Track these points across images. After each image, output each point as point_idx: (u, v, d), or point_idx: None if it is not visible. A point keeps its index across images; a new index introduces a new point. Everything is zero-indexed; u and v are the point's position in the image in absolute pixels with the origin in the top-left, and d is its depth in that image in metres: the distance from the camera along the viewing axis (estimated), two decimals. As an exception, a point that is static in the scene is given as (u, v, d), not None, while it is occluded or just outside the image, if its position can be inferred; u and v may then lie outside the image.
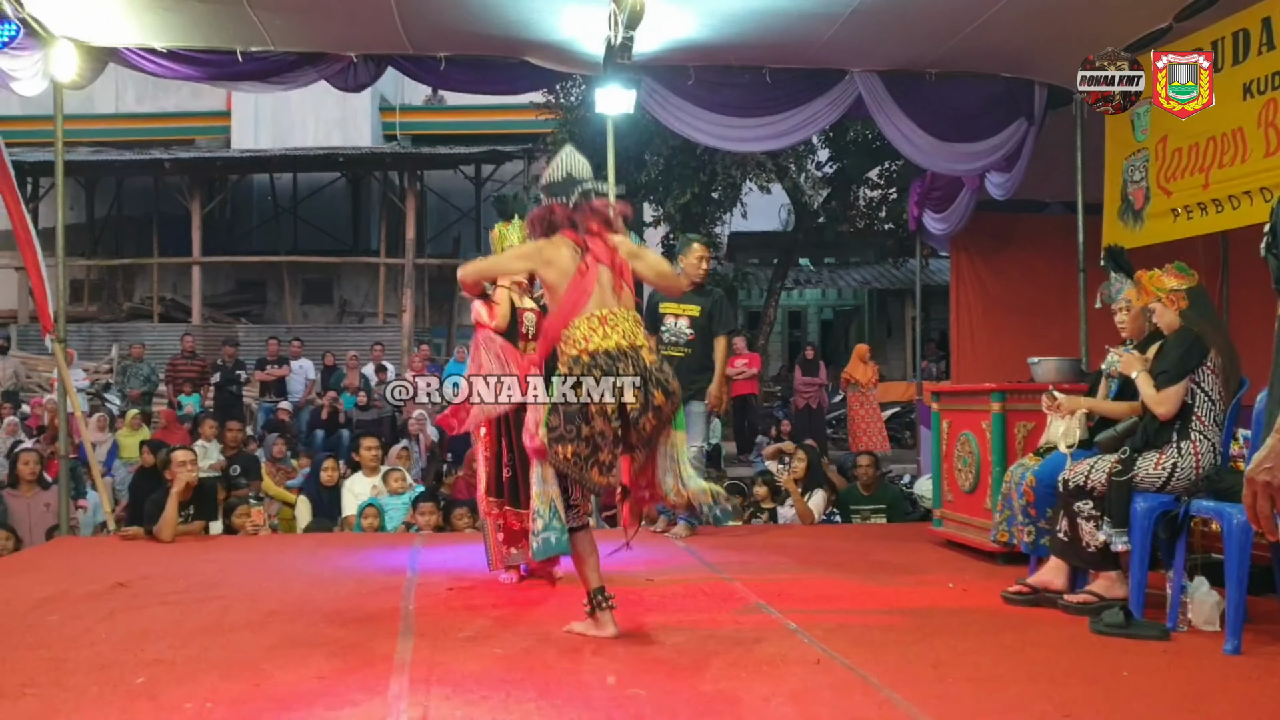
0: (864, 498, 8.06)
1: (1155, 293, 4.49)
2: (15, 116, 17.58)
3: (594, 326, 3.94)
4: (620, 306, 3.99)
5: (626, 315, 3.98)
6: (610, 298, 3.98)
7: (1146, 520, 4.34)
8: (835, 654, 3.83)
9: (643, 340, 3.97)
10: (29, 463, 8.59)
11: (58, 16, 6.82)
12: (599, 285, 3.98)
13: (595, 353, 3.90)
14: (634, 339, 3.94)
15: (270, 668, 3.69)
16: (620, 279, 4.01)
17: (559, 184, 4.14)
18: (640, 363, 3.89)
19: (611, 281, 4.00)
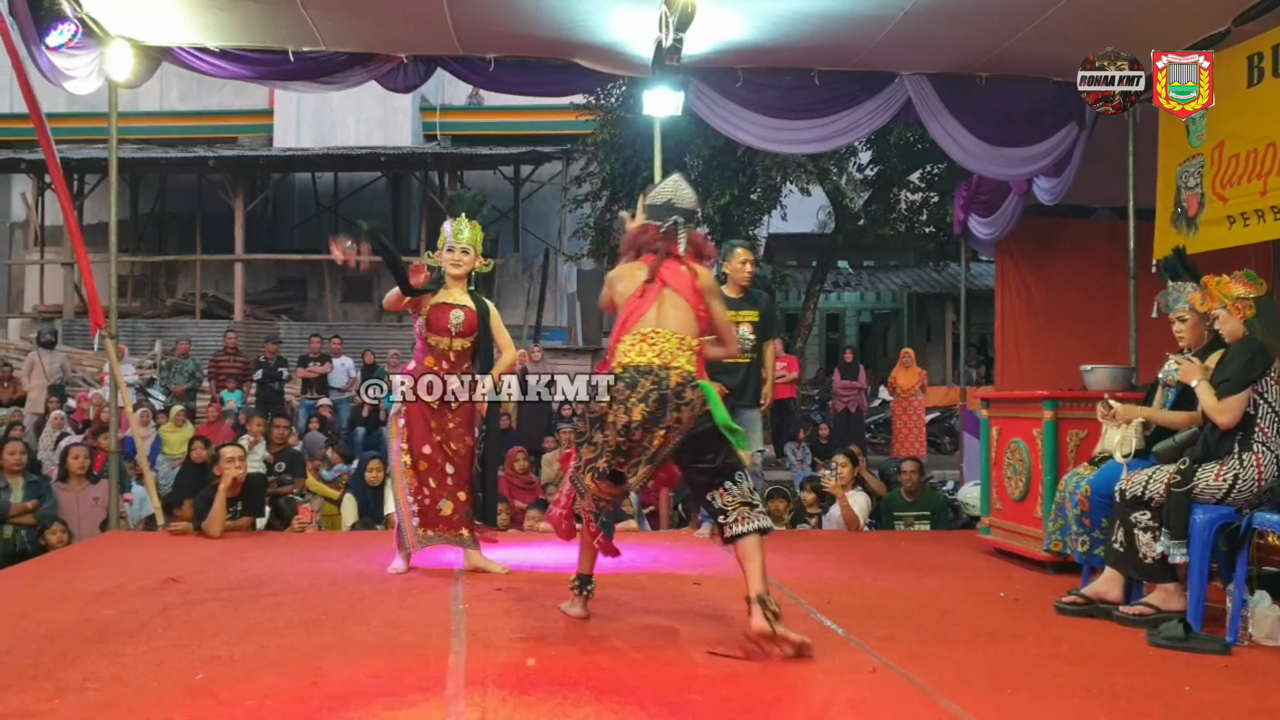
0: (908, 504, 7.99)
1: (1222, 299, 4.43)
2: (61, 114, 17.73)
3: (634, 343, 4.11)
4: (667, 327, 4.11)
5: (671, 336, 4.09)
6: (665, 318, 4.13)
7: (1206, 532, 4.29)
8: (891, 663, 3.80)
9: (681, 362, 4.03)
10: (78, 457, 8.68)
11: (114, 16, 6.89)
12: (657, 305, 4.16)
13: (627, 367, 4.05)
14: (669, 359, 4.03)
15: (326, 666, 3.71)
16: (690, 304, 4.16)
17: (658, 208, 4.34)
18: (664, 382, 3.96)
19: (674, 303, 4.15)
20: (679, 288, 4.17)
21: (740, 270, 6.73)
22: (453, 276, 5.53)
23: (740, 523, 3.99)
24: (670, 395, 3.94)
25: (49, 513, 8.00)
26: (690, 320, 4.15)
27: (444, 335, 5.46)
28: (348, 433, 12.80)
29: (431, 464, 5.45)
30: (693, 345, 4.12)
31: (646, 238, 4.30)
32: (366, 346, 16.05)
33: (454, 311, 5.47)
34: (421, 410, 5.45)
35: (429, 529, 5.47)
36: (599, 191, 16.10)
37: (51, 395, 13.31)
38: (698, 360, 4.13)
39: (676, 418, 3.95)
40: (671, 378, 3.97)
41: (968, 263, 12.45)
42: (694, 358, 4.10)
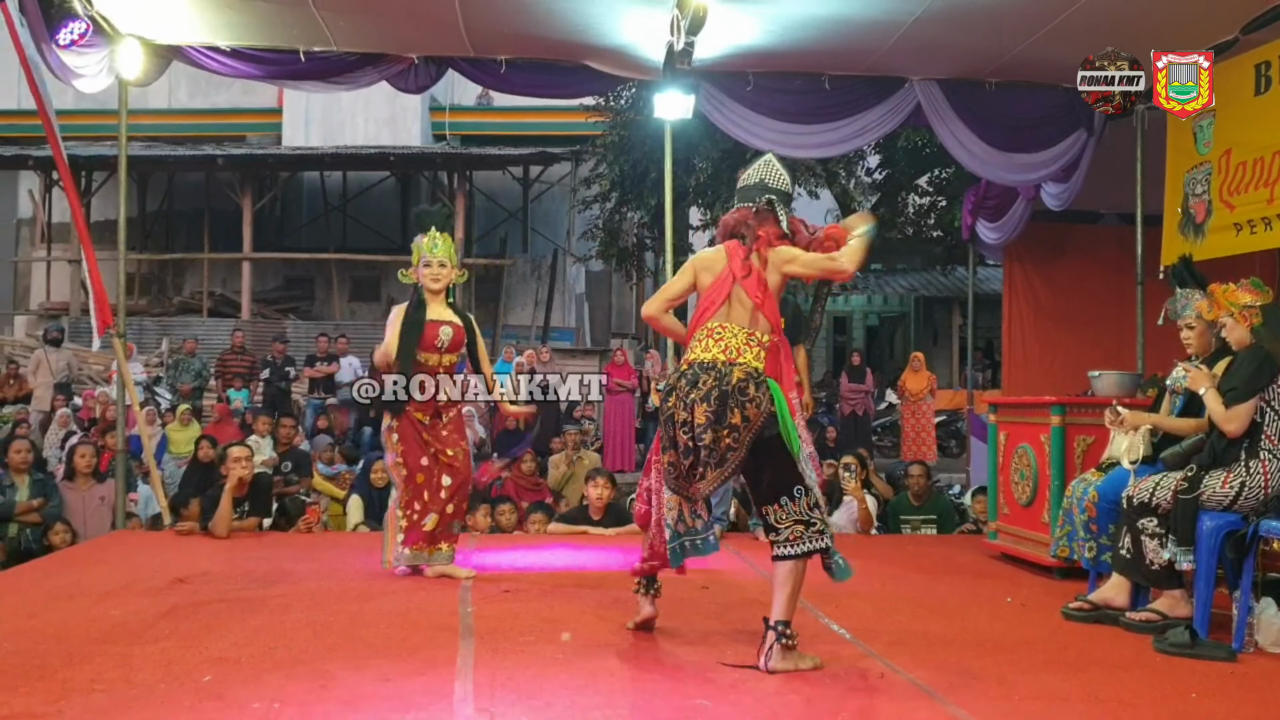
0: (915, 508, 7.99)
1: (1229, 307, 4.42)
2: (69, 110, 17.76)
3: (701, 338, 3.95)
4: (735, 322, 3.92)
5: (738, 331, 3.90)
6: (734, 312, 3.94)
7: (1213, 539, 4.29)
8: (899, 668, 3.81)
9: (748, 358, 3.85)
10: (85, 456, 8.71)
11: (125, 14, 6.92)
12: (729, 300, 3.96)
13: (693, 363, 3.92)
14: (735, 354, 3.86)
15: (334, 669, 3.72)
16: (754, 295, 3.93)
17: (749, 188, 4.10)
18: (727, 379, 3.80)
19: (741, 299, 3.94)
20: (745, 278, 3.95)
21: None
22: (433, 291, 5.55)
23: (789, 544, 3.81)
24: (732, 392, 3.78)
25: (55, 511, 8.03)
26: (758, 317, 3.91)
27: (433, 352, 5.48)
28: (355, 432, 12.81)
29: (428, 476, 5.47)
30: (763, 341, 3.90)
31: (730, 223, 4.11)
32: (374, 345, 16.00)
33: (442, 328, 5.49)
34: (412, 422, 5.46)
35: (407, 546, 5.48)
36: (608, 193, 16.10)
37: (58, 393, 13.35)
38: (769, 357, 3.89)
39: (742, 415, 3.77)
40: (734, 374, 3.81)
41: (975, 267, 12.45)
42: (763, 354, 3.87)
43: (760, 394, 3.80)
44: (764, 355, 3.88)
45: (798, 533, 3.81)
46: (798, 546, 3.81)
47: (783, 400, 3.84)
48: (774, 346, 3.93)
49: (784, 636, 3.73)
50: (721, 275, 4.00)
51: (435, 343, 5.46)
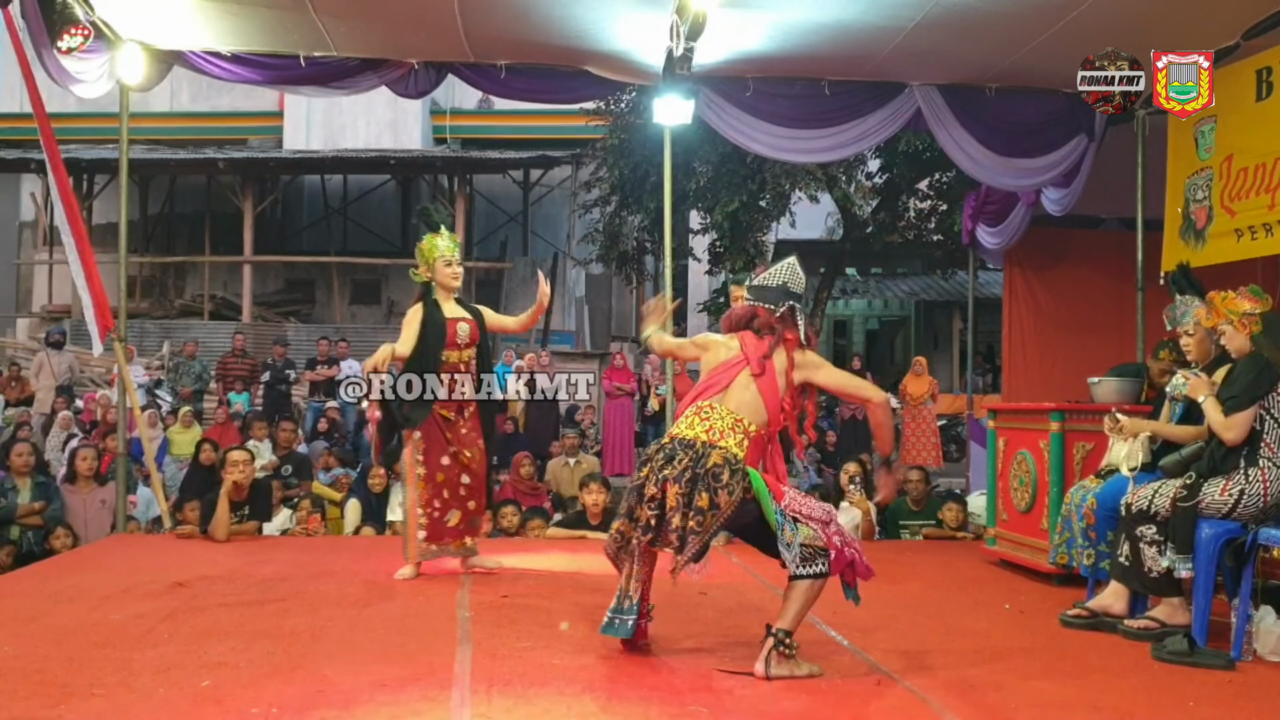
0: (913, 513, 7.98)
1: (1227, 315, 4.42)
2: (71, 114, 17.80)
3: (690, 415, 3.97)
4: (726, 406, 3.93)
5: (728, 415, 3.90)
6: (730, 397, 3.95)
7: (1212, 547, 4.29)
8: (896, 675, 3.81)
9: (729, 443, 3.83)
10: (86, 459, 8.72)
11: (126, 20, 6.92)
12: (732, 385, 3.97)
13: (674, 438, 3.92)
14: (717, 437, 3.85)
15: (332, 673, 3.73)
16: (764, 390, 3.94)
17: (771, 290, 4.13)
18: (703, 461, 3.78)
19: (747, 386, 3.95)
20: (758, 374, 3.96)
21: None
22: (451, 289, 5.67)
23: (804, 564, 3.81)
24: (705, 475, 3.75)
25: (56, 514, 8.04)
26: (758, 408, 3.92)
27: (454, 349, 5.58)
28: (354, 436, 12.81)
29: (448, 475, 5.53)
30: (749, 430, 3.88)
31: (759, 321, 4.09)
32: (375, 348, 15.99)
33: (459, 325, 5.60)
34: (437, 421, 5.54)
35: (434, 543, 5.55)
36: (608, 196, 16.10)
37: (59, 396, 13.35)
38: (752, 448, 3.87)
39: (710, 501, 3.74)
40: (712, 457, 3.78)
41: (976, 271, 12.44)
42: (746, 443, 3.85)
43: (734, 481, 3.77)
44: (747, 444, 3.86)
45: (809, 554, 3.80)
46: (811, 568, 3.80)
47: (762, 485, 3.82)
48: (760, 439, 3.92)
49: (783, 645, 3.74)
50: (732, 360, 4.02)
51: (457, 339, 5.57)
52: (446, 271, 5.64)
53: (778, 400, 3.95)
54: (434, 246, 5.65)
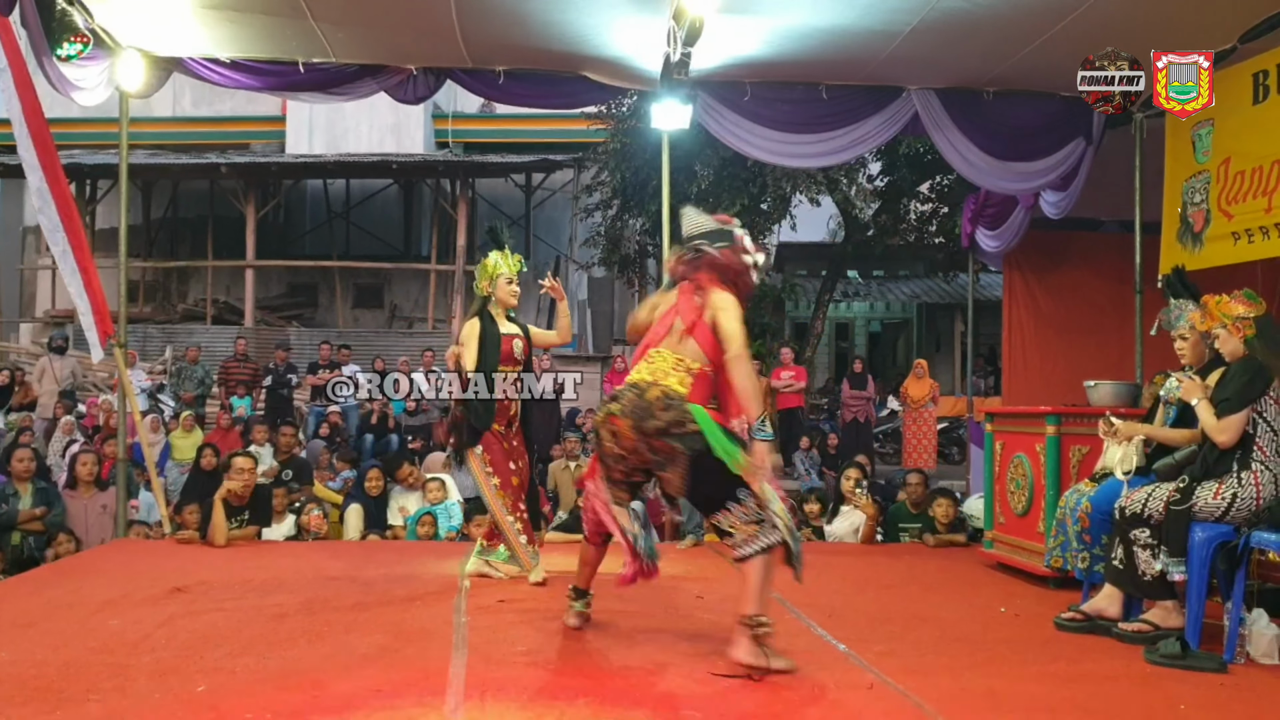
0: (913, 516, 7.99)
1: (1221, 318, 4.43)
2: (74, 119, 17.81)
3: (641, 364, 4.19)
4: (668, 349, 4.14)
5: (669, 356, 4.12)
6: (671, 340, 4.16)
7: (1205, 550, 4.30)
8: (889, 679, 3.82)
9: (671, 382, 4.04)
10: (86, 464, 8.75)
11: (125, 27, 6.95)
12: (670, 331, 4.18)
13: (627, 384, 4.15)
14: (660, 376, 4.06)
15: (327, 679, 3.74)
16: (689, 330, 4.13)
17: (678, 243, 4.38)
18: (644, 395, 4.01)
19: (680, 330, 4.15)
20: (684, 312, 4.17)
21: None
22: (510, 306, 5.82)
23: (746, 544, 3.91)
24: (647, 406, 3.97)
25: (57, 520, 8.06)
26: (694, 349, 4.10)
27: (509, 364, 5.70)
28: (356, 440, 12.83)
29: (514, 484, 5.68)
30: (692, 368, 4.07)
31: (677, 270, 4.33)
32: (377, 353, 16.10)
33: (515, 341, 5.75)
34: (495, 436, 5.66)
35: (532, 544, 5.69)
36: (610, 200, 16.15)
37: (62, 400, 13.38)
38: (696, 384, 4.06)
39: (654, 428, 3.94)
40: (651, 392, 4.00)
41: (976, 274, 12.45)
42: (688, 380, 4.05)
43: (671, 416, 3.94)
44: (689, 381, 4.05)
45: (752, 533, 3.92)
46: (754, 544, 3.92)
47: (707, 419, 3.95)
48: (704, 375, 4.09)
49: (754, 627, 3.85)
50: (668, 310, 4.25)
51: (513, 355, 5.71)
52: (507, 289, 5.81)
53: (710, 339, 4.10)
54: (497, 264, 5.81)
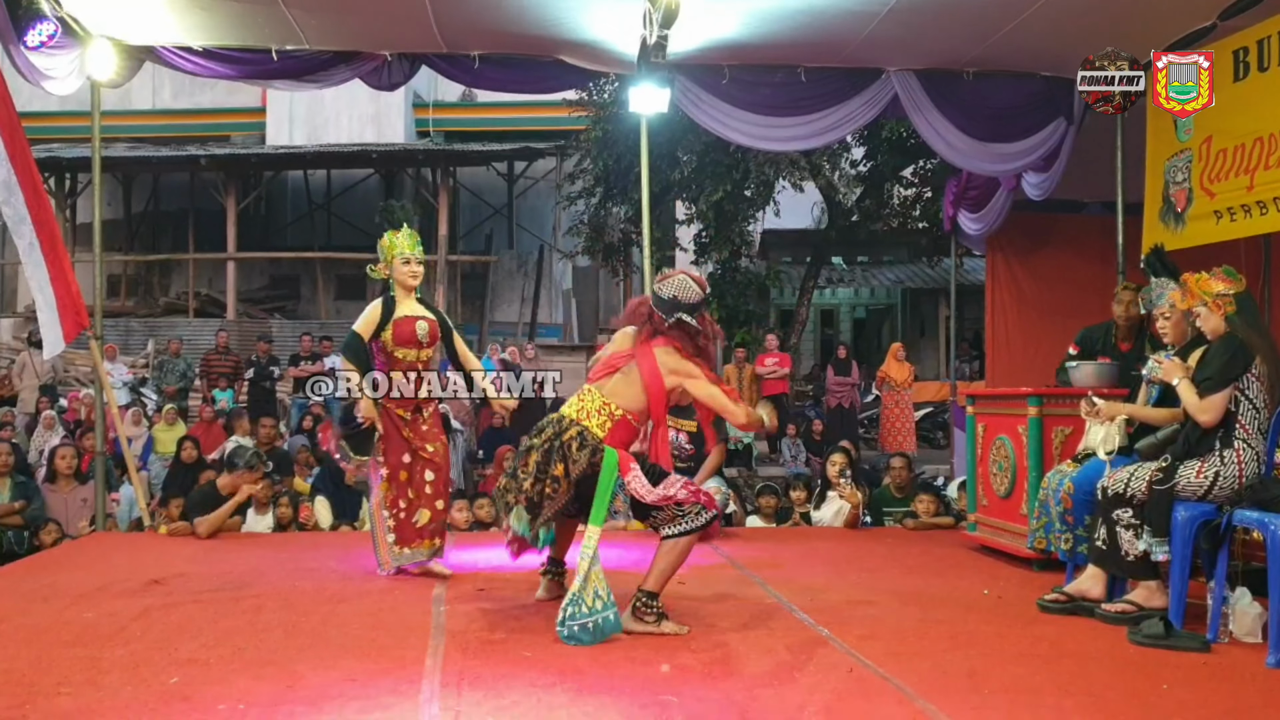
0: (897, 500, 7.98)
1: (1202, 296, 4.40)
2: (53, 112, 17.70)
3: (575, 396, 4.43)
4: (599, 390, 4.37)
5: (599, 399, 4.34)
6: (611, 384, 4.39)
7: (1187, 530, 4.28)
8: (869, 662, 3.79)
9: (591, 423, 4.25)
10: (66, 457, 8.69)
11: (95, 15, 6.86)
12: (617, 374, 4.42)
13: (557, 415, 4.38)
14: (579, 414, 4.29)
15: (302, 669, 3.70)
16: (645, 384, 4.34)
17: (664, 301, 4.46)
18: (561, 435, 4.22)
19: (630, 378, 4.37)
20: (643, 367, 4.36)
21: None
22: (410, 288, 5.59)
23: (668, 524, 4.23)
24: (558, 447, 4.19)
25: (37, 513, 7.99)
26: (632, 396, 4.33)
27: (411, 347, 5.50)
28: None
29: (411, 473, 5.47)
30: (615, 414, 4.29)
31: (651, 325, 4.44)
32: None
33: (419, 323, 5.52)
34: (393, 419, 5.47)
35: (404, 546, 5.47)
36: (593, 188, 16.07)
37: (43, 395, 13.28)
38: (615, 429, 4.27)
39: (565, 469, 4.17)
40: (570, 431, 4.22)
41: (959, 258, 12.43)
42: (609, 424, 4.26)
43: (581, 455, 4.18)
44: (610, 426, 4.27)
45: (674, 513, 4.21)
46: (677, 526, 4.21)
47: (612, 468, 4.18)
48: (626, 423, 4.32)
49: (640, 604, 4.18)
50: (622, 352, 4.47)
51: (415, 338, 5.48)
52: (405, 270, 5.54)
53: (660, 392, 4.34)
54: (393, 244, 5.56)
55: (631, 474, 4.19)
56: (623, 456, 4.23)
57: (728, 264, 15.83)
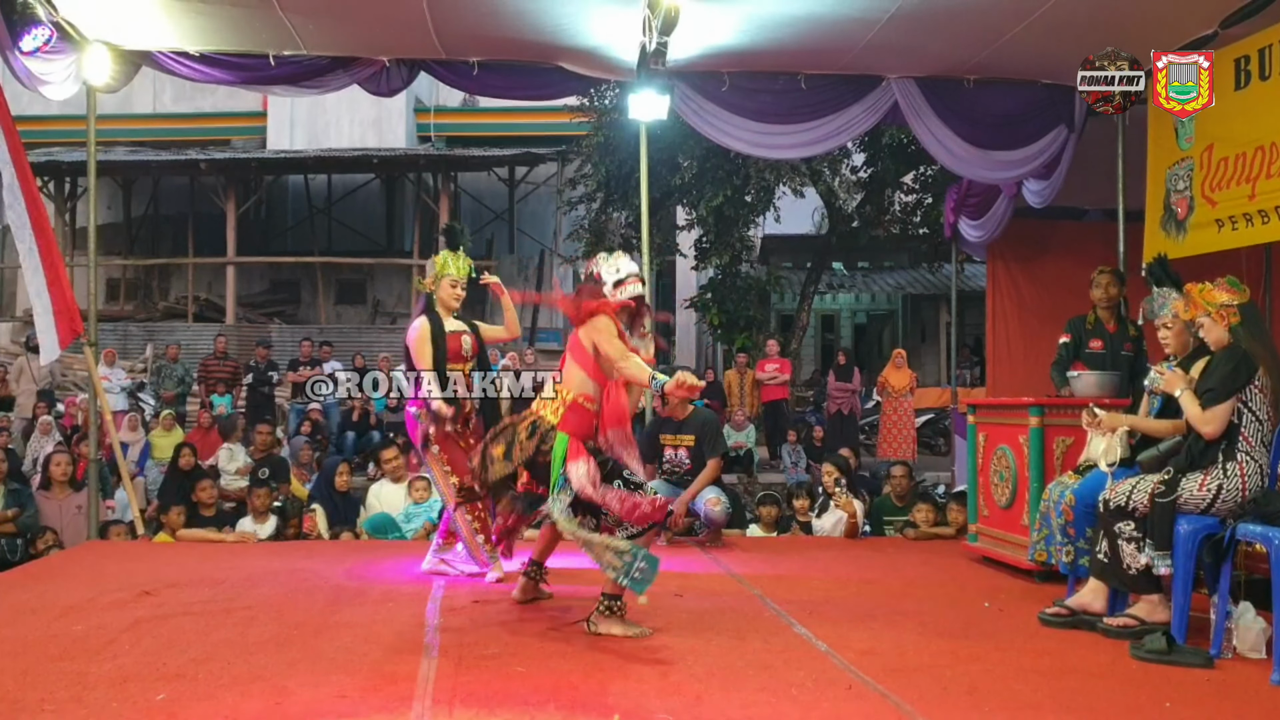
0: (898, 509, 7.92)
1: (1205, 307, 4.35)
2: (54, 116, 17.72)
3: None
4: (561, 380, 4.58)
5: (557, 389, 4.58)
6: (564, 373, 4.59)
7: (1190, 543, 4.23)
8: (868, 679, 3.73)
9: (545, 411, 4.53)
10: (60, 464, 8.63)
11: (91, 20, 6.81)
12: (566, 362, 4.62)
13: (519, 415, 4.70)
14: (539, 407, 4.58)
15: (292, 685, 3.64)
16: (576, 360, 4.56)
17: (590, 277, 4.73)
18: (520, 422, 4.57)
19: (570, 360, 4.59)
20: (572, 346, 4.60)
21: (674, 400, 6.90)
22: (451, 309, 5.77)
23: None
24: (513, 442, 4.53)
25: (30, 521, 7.94)
26: (579, 379, 4.51)
27: (458, 362, 5.66)
28: (338, 437, 12.73)
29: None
30: (567, 399, 4.51)
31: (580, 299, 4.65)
32: (358, 349, 15.98)
33: (463, 338, 5.72)
34: (451, 435, 5.58)
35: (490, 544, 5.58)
36: (594, 193, 16.05)
37: (40, 400, 13.24)
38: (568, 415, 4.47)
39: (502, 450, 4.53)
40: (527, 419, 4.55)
41: (960, 264, 12.38)
42: (561, 410, 4.49)
43: (530, 441, 4.47)
44: (563, 411, 4.48)
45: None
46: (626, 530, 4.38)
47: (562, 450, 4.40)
48: (578, 406, 4.49)
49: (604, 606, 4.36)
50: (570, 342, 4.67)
51: (461, 353, 5.68)
52: (450, 291, 5.75)
53: (585, 357, 4.50)
54: (446, 264, 5.77)
55: (576, 464, 4.34)
56: (574, 444, 4.40)
57: (728, 269, 15.80)
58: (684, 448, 6.93)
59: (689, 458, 6.92)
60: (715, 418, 7.44)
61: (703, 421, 7.04)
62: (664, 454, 7.03)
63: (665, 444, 7.04)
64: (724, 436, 7.73)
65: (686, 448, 6.93)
